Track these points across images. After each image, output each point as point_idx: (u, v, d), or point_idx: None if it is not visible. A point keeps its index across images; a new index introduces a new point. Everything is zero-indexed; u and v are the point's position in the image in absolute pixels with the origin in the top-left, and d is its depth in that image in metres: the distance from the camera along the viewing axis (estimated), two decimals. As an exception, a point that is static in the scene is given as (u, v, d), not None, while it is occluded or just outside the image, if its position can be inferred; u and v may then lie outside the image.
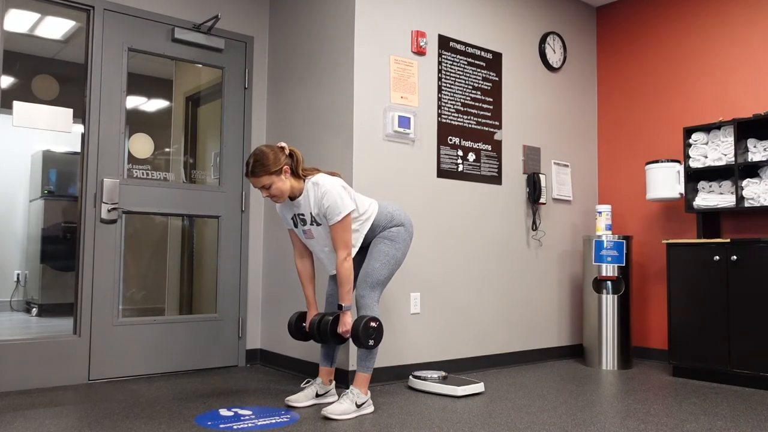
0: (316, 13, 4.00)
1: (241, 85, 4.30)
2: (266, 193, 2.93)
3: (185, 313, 4.45)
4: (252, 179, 2.91)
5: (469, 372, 4.09)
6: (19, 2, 3.62)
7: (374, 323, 2.91)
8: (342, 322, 2.96)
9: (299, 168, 2.98)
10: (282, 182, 2.92)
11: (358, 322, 2.88)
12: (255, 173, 2.88)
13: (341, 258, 2.92)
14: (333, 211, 2.90)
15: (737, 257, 3.76)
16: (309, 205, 2.98)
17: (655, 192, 4.36)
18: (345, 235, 2.92)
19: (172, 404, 3.11)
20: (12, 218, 6.58)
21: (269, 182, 2.89)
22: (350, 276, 2.94)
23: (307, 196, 2.98)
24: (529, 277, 4.52)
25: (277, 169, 2.89)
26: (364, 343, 2.89)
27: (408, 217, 3.18)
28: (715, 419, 2.95)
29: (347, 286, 2.94)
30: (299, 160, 2.99)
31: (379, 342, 2.94)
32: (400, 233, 3.10)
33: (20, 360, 3.41)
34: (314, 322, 3.05)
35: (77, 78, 3.77)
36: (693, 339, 3.93)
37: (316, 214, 2.97)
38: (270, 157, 2.89)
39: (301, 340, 3.25)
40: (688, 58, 4.63)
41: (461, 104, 4.17)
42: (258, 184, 2.91)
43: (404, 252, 3.11)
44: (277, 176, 2.90)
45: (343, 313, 2.97)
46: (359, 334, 2.87)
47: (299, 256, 3.20)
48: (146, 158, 4.09)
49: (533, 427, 2.78)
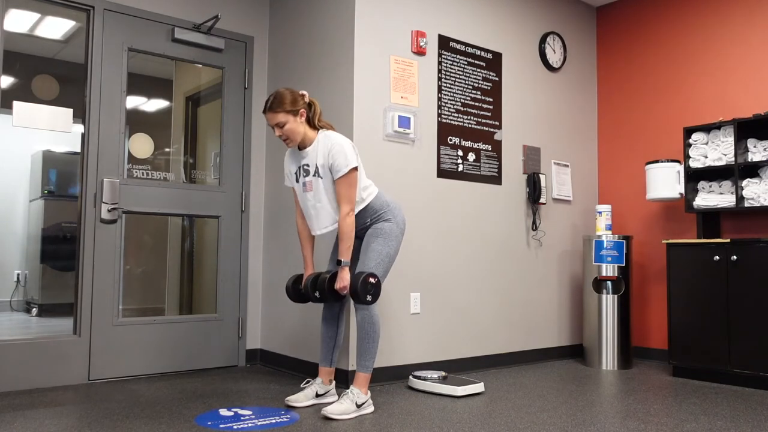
0: (316, 13, 4.00)
1: (241, 85, 4.30)
2: (279, 132, 2.99)
3: (185, 313, 4.45)
4: (269, 114, 2.98)
5: (469, 372, 4.09)
6: (19, 2, 3.62)
7: (373, 279, 2.90)
8: (340, 278, 2.94)
9: (315, 118, 3.06)
10: (296, 124, 2.98)
11: (356, 278, 2.87)
12: (272, 108, 2.96)
13: (344, 212, 2.93)
14: (340, 163, 2.92)
15: (737, 257, 3.76)
16: (316, 155, 3.01)
17: (655, 192, 4.36)
18: (350, 190, 2.93)
19: (172, 404, 3.11)
20: (12, 218, 6.58)
21: (284, 120, 2.96)
22: (351, 232, 2.93)
23: (316, 147, 3.02)
24: (529, 277, 4.52)
25: (294, 110, 2.97)
26: (362, 299, 2.87)
27: (401, 211, 3.16)
28: (715, 419, 2.95)
29: (347, 242, 2.93)
30: (317, 111, 3.07)
31: (376, 298, 2.92)
32: (393, 230, 3.07)
33: (20, 360, 3.41)
34: (309, 280, 3.05)
35: (77, 78, 3.77)
36: (693, 339, 3.93)
37: (321, 165, 2.99)
38: (288, 97, 2.98)
39: (299, 302, 3.22)
40: (688, 58, 4.63)
41: (461, 104, 4.17)
42: (273, 121, 2.97)
43: (397, 248, 3.09)
44: (293, 117, 2.97)
45: (341, 269, 2.94)
46: (357, 290, 2.85)
47: (301, 216, 3.20)
48: (146, 158, 4.09)
49: (533, 427, 2.78)
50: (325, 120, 3.17)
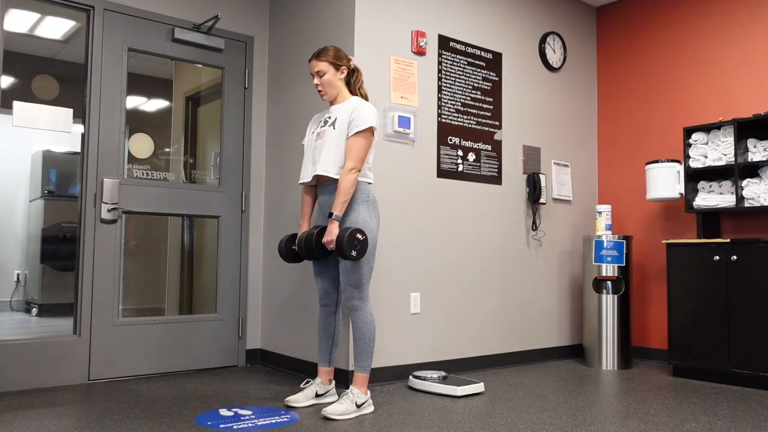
0: (316, 13, 4.00)
1: (241, 85, 4.30)
2: (317, 80, 3.09)
3: (185, 313, 4.45)
4: (313, 61, 3.08)
5: (469, 372, 4.09)
6: (19, 2, 3.62)
7: (360, 235, 2.86)
8: (328, 231, 2.90)
9: (357, 84, 3.17)
10: (334, 78, 3.08)
11: (343, 232, 2.84)
12: (318, 56, 3.08)
13: (348, 168, 2.92)
14: (360, 119, 2.96)
15: (737, 257, 3.76)
16: (342, 110, 3.06)
17: (655, 192, 4.36)
18: (360, 150, 2.95)
19: (172, 404, 3.11)
20: (12, 218, 6.58)
21: (325, 70, 3.06)
22: (350, 189, 2.92)
23: (347, 104, 3.08)
24: (529, 277, 4.52)
25: (336, 63, 3.08)
26: (347, 253, 2.81)
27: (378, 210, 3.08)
28: (715, 419, 2.95)
29: (343, 197, 2.91)
30: (360, 78, 3.18)
31: (362, 255, 2.87)
32: (367, 222, 2.98)
33: (20, 360, 3.41)
34: (302, 237, 3.03)
35: (77, 78, 3.77)
36: (693, 339, 3.93)
37: (342, 119, 3.02)
38: (332, 52, 3.09)
39: (293, 262, 3.20)
40: (689, 58, 4.63)
41: (461, 104, 4.16)
42: (315, 68, 3.07)
43: (374, 242, 3.01)
44: (333, 69, 3.08)
45: (330, 222, 2.91)
46: (343, 244, 2.80)
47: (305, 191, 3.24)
48: (146, 158, 4.09)
49: (533, 427, 2.78)
50: (365, 90, 3.21)
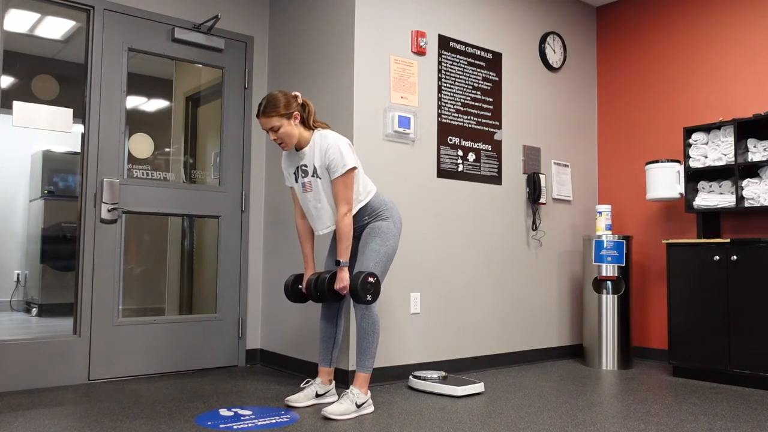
0: (316, 13, 4.00)
1: (241, 85, 4.30)
2: (274, 136, 2.98)
3: (185, 313, 4.45)
4: (262, 119, 2.96)
5: (469, 372, 4.09)
6: (19, 2, 3.62)
7: (372, 278, 2.89)
8: (339, 278, 2.94)
9: (310, 118, 3.04)
10: (291, 127, 2.96)
11: (356, 278, 2.87)
12: (266, 113, 2.94)
13: (342, 213, 2.93)
14: (337, 164, 2.91)
15: (737, 257, 3.76)
16: (314, 155, 3.00)
17: (655, 192, 4.36)
18: (347, 191, 2.93)
19: (172, 404, 3.11)
20: (12, 218, 6.58)
21: (279, 124, 2.94)
22: (349, 232, 2.93)
23: (312, 147, 3.01)
24: (529, 277, 4.52)
25: (287, 113, 2.94)
26: (362, 298, 2.87)
27: (398, 211, 3.16)
28: (715, 419, 2.95)
29: (345, 242, 2.93)
30: (311, 112, 3.05)
31: (376, 298, 2.91)
32: (390, 229, 3.06)
33: (20, 360, 3.41)
34: (311, 281, 3.04)
35: (77, 78, 3.77)
36: (693, 339, 3.93)
37: (319, 166, 2.98)
38: (282, 100, 2.95)
39: (298, 302, 3.22)
40: (689, 58, 4.63)
41: (461, 104, 4.17)
42: (267, 125, 2.96)
43: (395, 247, 3.09)
44: (287, 120, 2.95)
45: (340, 269, 2.94)
46: (357, 290, 2.85)
47: (300, 216, 3.20)
48: (146, 158, 4.09)
49: (533, 427, 2.78)
50: (320, 120, 3.15)
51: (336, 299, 3.05)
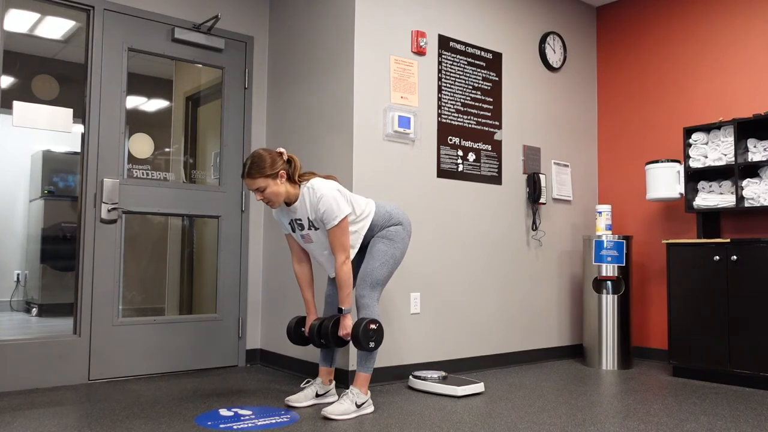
0: (316, 13, 4.00)
1: (241, 85, 4.30)
2: (260, 197, 2.92)
3: (185, 313, 4.45)
4: (247, 180, 2.90)
5: (469, 372, 4.09)
6: (19, 2, 3.62)
7: (374, 325, 2.91)
8: (342, 325, 2.96)
9: (296, 174, 2.98)
10: (277, 186, 2.91)
11: (357, 325, 2.88)
12: (251, 175, 2.88)
13: (340, 261, 2.92)
14: (329, 216, 2.89)
15: (737, 257, 3.76)
16: (306, 209, 2.98)
17: (655, 192, 4.36)
18: (342, 238, 2.92)
19: (172, 404, 3.11)
20: (12, 218, 6.58)
21: (264, 185, 2.89)
22: (349, 280, 2.94)
23: (303, 201, 2.97)
24: (529, 277, 4.52)
25: (273, 173, 2.88)
26: (364, 346, 2.89)
27: (406, 215, 3.17)
28: (715, 419, 2.95)
29: (347, 290, 2.94)
30: (297, 166, 2.98)
31: (379, 344, 2.94)
32: (399, 232, 3.09)
33: (20, 360, 3.41)
34: (314, 326, 3.04)
35: (77, 78, 3.77)
36: (693, 339, 3.93)
37: (314, 219, 2.97)
38: (267, 160, 2.89)
39: (300, 345, 3.25)
40: (689, 58, 4.63)
41: (461, 104, 4.17)
42: (253, 186, 2.90)
43: (403, 251, 3.11)
44: (272, 180, 2.89)
45: (343, 317, 2.97)
46: (359, 337, 2.86)
47: (297, 261, 3.19)
48: (146, 158, 4.09)
49: (533, 427, 2.78)
50: (307, 172, 3.09)
51: (339, 345, 3.06)
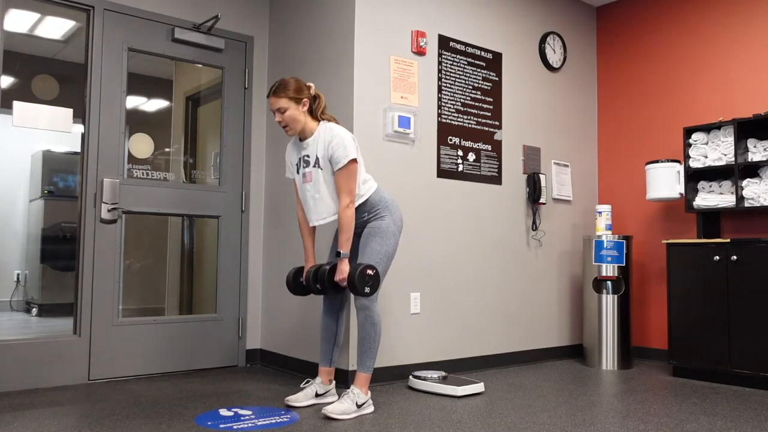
0: (316, 13, 4.00)
1: (241, 85, 4.30)
2: (280, 118, 3.00)
3: (185, 313, 4.45)
4: (272, 99, 3.00)
5: (469, 372, 4.09)
6: (19, 2, 3.62)
7: (371, 270, 2.90)
8: (339, 270, 2.94)
9: (319, 110, 3.07)
10: (297, 112, 2.99)
11: (354, 270, 2.88)
12: (276, 93, 2.99)
13: (344, 204, 2.93)
14: (340, 154, 2.92)
15: (737, 257, 3.76)
16: (317, 146, 3.02)
17: (655, 192, 4.36)
18: (350, 182, 2.94)
19: (172, 404, 3.11)
20: (12, 218, 6.58)
21: (286, 106, 2.98)
22: (351, 223, 2.94)
23: (317, 138, 3.03)
24: (529, 277, 4.52)
25: (297, 97, 2.99)
26: (360, 290, 2.87)
27: (398, 209, 3.15)
28: (715, 419, 2.95)
29: (347, 234, 2.94)
30: (321, 104, 3.08)
31: (374, 290, 2.92)
32: (390, 227, 3.06)
33: (20, 360, 3.41)
34: (310, 272, 3.05)
35: (77, 78, 3.77)
36: (693, 339, 3.93)
37: (322, 157, 3.00)
38: (293, 85, 3.00)
39: (300, 295, 3.23)
40: (689, 58, 4.63)
41: (461, 104, 4.17)
42: (275, 106, 2.99)
43: (395, 246, 3.09)
44: (295, 104, 2.99)
45: (340, 261, 2.95)
46: (356, 282, 2.85)
47: (302, 208, 3.21)
48: (146, 158, 4.09)
49: (533, 427, 2.78)
50: (329, 114, 3.17)
51: (336, 291, 3.05)
